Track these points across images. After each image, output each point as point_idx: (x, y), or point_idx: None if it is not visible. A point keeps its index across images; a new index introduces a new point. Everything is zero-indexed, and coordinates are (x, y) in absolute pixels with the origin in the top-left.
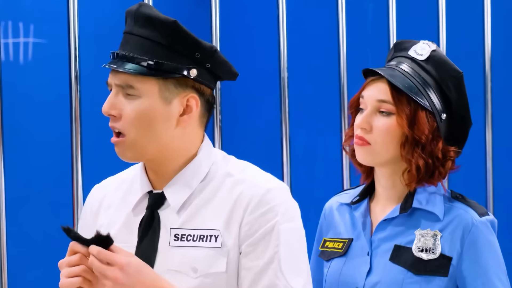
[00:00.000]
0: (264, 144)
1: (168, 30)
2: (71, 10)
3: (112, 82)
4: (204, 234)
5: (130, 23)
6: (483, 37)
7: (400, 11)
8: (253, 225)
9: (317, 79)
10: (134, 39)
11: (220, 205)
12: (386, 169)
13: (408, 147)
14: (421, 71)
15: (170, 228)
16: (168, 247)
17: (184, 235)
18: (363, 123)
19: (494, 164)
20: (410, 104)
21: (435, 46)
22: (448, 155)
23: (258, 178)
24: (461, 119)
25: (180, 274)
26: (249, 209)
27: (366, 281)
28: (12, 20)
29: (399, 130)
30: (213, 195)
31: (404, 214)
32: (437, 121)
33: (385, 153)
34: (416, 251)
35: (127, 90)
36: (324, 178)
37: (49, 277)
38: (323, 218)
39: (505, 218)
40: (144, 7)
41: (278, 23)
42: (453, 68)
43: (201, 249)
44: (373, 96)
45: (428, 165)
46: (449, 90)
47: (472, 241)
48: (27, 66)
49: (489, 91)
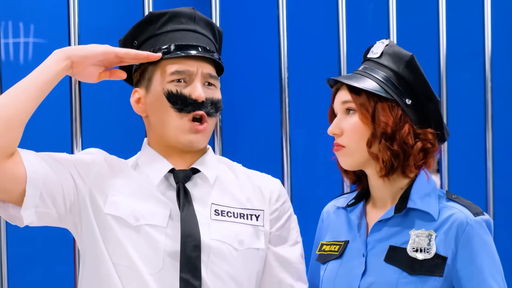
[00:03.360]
0: (265, 144)
1: (219, 35)
2: (71, 10)
3: (198, 70)
4: (244, 212)
5: (187, 22)
6: (483, 37)
7: (400, 11)
8: (280, 212)
9: (318, 79)
10: (201, 37)
11: (246, 188)
12: (372, 169)
13: (375, 142)
14: (379, 66)
15: (212, 203)
16: (209, 220)
17: (224, 211)
18: (333, 129)
19: (495, 164)
20: (369, 100)
21: (388, 41)
22: (424, 137)
23: (261, 174)
24: (426, 97)
25: (225, 244)
26: (273, 199)
27: (361, 282)
28: (12, 20)
29: (364, 126)
30: (234, 177)
31: (399, 214)
32: (402, 108)
33: (360, 152)
34: (411, 251)
35: (209, 79)
36: (324, 177)
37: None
38: (321, 222)
39: (505, 218)
40: (197, 11)
41: (278, 23)
42: (404, 54)
43: (244, 225)
44: (339, 100)
45: (397, 153)
46: (406, 74)
47: (467, 241)
48: (27, 65)
49: (489, 91)
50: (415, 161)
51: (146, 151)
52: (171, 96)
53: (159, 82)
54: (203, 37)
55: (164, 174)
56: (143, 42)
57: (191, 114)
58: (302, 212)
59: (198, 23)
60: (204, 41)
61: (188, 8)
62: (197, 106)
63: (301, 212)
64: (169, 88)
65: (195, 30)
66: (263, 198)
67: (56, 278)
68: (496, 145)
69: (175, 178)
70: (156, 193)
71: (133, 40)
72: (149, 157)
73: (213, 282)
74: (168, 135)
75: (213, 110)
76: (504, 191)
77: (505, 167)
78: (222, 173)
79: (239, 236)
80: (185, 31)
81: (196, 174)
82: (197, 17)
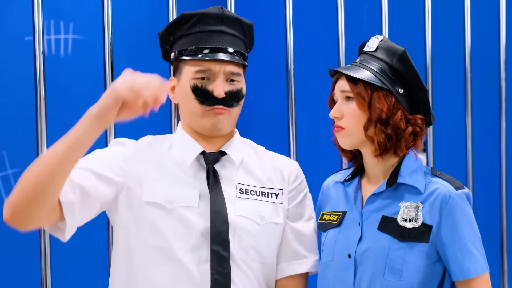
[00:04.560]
0: (274, 127)
1: (249, 29)
2: (106, 10)
3: (220, 69)
4: (265, 191)
5: (214, 23)
6: (464, 34)
7: (391, 11)
8: (297, 191)
9: (319, 70)
10: (227, 37)
11: (267, 169)
12: (367, 149)
13: (371, 126)
14: (374, 59)
15: (237, 182)
16: (235, 198)
17: (248, 190)
18: (334, 112)
19: (473, 144)
20: (366, 88)
21: (382, 37)
22: (414, 122)
23: (281, 156)
24: (416, 87)
25: (248, 220)
26: (291, 179)
27: (357, 247)
28: (54, 19)
29: (361, 112)
30: (258, 159)
31: (390, 188)
32: (395, 96)
33: (357, 134)
34: (401, 220)
35: (231, 77)
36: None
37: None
38: (321, 195)
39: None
40: (226, 10)
41: (285, 21)
42: (397, 48)
43: (265, 202)
44: (338, 88)
45: (390, 136)
46: (399, 66)
47: (450, 212)
48: (67, 59)
49: (468, 81)
50: (406, 143)
51: (180, 133)
52: (195, 89)
53: (187, 77)
54: (229, 37)
55: (196, 156)
56: (176, 39)
57: (212, 107)
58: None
59: (226, 22)
60: (230, 40)
61: (216, 9)
62: (218, 101)
63: None
64: (195, 82)
65: (221, 31)
66: (282, 178)
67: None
68: (475, 128)
69: (205, 160)
70: (187, 174)
71: (169, 36)
72: (183, 139)
73: (239, 253)
74: (195, 123)
75: (233, 101)
76: (481, 168)
77: (482, 147)
78: (247, 154)
79: (260, 213)
80: (211, 32)
81: (224, 156)
82: (224, 17)
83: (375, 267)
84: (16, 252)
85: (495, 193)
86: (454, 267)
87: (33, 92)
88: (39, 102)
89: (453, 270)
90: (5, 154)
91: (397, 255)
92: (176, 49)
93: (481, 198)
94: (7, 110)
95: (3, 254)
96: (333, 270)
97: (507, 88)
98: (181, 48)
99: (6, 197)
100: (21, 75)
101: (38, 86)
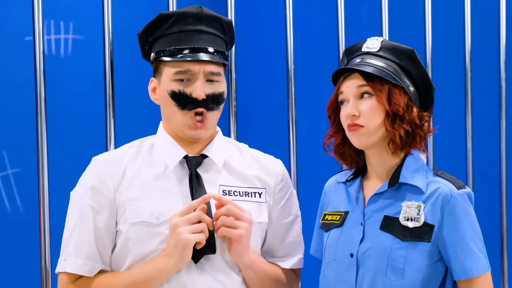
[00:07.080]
0: (274, 127)
1: (228, 27)
2: (106, 10)
3: (200, 70)
4: (249, 191)
5: (193, 23)
6: (464, 34)
7: (392, 12)
8: (283, 191)
9: (319, 70)
10: (206, 36)
11: (250, 168)
12: (376, 149)
13: (390, 121)
14: (379, 58)
15: (220, 184)
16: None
17: (231, 191)
18: (352, 110)
19: (473, 144)
20: (383, 85)
21: (381, 38)
22: (424, 119)
23: (264, 154)
24: (425, 86)
25: None
26: (278, 179)
27: (359, 247)
28: (54, 19)
29: (381, 107)
30: (241, 157)
31: (392, 188)
32: (409, 94)
33: (377, 131)
34: (402, 220)
35: (211, 77)
36: (325, 156)
37: None
38: (323, 195)
39: (482, 190)
40: (205, 9)
41: (285, 21)
42: (405, 48)
43: (249, 202)
44: (352, 85)
45: (408, 132)
46: (408, 66)
47: (451, 211)
48: (67, 59)
49: (468, 80)
50: (421, 139)
51: (161, 135)
52: (174, 95)
53: (166, 79)
54: (208, 36)
55: (179, 160)
56: (155, 39)
57: (192, 111)
58: (306, 185)
59: (204, 21)
60: (209, 40)
61: (194, 8)
62: (198, 104)
63: (305, 185)
64: (173, 88)
65: (200, 30)
66: (266, 177)
67: None
68: (475, 128)
69: (188, 164)
70: (170, 180)
71: (148, 36)
72: (165, 141)
73: (225, 252)
74: (175, 128)
75: (214, 104)
76: (481, 168)
77: (482, 146)
78: (230, 154)
79: None
80: (190, 31)
81: (206, 158)
82: (203, 15)
83: (377, 266)
84: (16, 252)
85: (495, 193)
86: (455, 266)
87: (33, 92)
88: (39, 102)
89: (455, 269)
90: (5, 154)
91: (399, 254)
92: (155, 50)
93: (481, 198)
94: (7, 110)
95: (3, 254)
96: (335, 270)
97: (507, 88)
98: (160, 49)
99: (6, 197)
100: (21, 75)
101: (38, 86)
